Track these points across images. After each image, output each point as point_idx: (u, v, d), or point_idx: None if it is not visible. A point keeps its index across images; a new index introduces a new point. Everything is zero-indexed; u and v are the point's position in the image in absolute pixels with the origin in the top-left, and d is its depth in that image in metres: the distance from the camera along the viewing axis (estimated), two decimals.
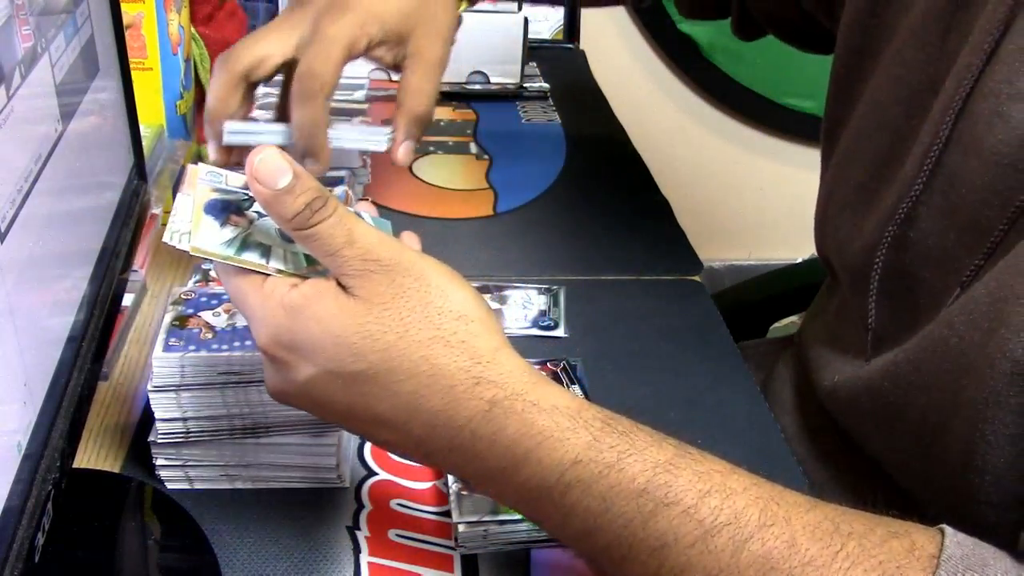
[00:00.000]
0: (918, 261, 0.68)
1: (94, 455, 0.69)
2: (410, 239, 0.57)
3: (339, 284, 0.51)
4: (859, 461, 0.74)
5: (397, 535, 0.64)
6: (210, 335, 0.62)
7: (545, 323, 0.84)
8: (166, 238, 0.52)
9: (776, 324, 1.17)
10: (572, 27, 1.43)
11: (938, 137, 0.65)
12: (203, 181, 0.54)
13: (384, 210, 1.00)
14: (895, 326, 0.70)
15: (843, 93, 0.77)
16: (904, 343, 0.66)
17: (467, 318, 0.51)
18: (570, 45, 1.42)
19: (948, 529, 0.50)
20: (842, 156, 0.77)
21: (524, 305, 0.86)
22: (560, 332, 0.84)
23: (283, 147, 0.65)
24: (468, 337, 0.51)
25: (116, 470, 0.68)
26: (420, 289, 0.51)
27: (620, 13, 1.96)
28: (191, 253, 0.52)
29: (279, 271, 0.52)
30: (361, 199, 0.80)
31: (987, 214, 0.62)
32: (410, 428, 0.51)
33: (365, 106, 1.01)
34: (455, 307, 0.51)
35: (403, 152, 0.77)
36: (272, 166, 0.50)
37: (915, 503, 0.68)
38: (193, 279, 0.80)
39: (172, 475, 0.66)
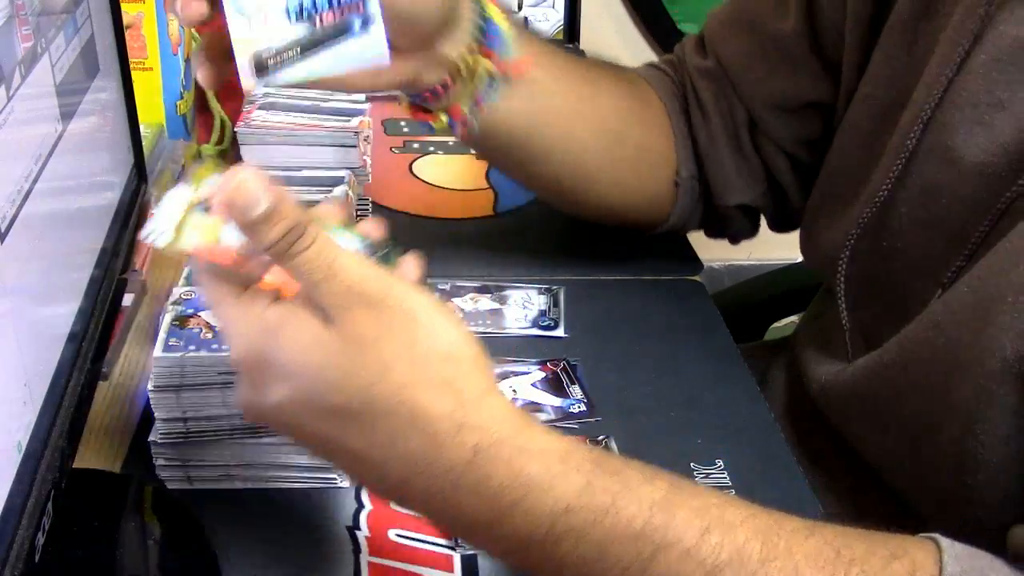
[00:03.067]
0: (896, 268, 0.69)
1: (94, 455, 0.69)
2: (410, 267, 0.53)
3: (320, 317, 0.48)
4: (852, 464, 0.74)
5: (397, 535, 0.64)
6: (210, 335, 0.62)
7: (545, 323, 0.84)
8: (143, 234, 0.49)
9: (776, 324, 1.17)
10: (572, 27, 1.42)
11: (904, 148, 0.66)
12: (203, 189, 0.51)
13: (384, 210, 1.00)
14: (874, 328, 0.71)
15: (836, 120, 0.79)
16: (887, 343, 0.67)
17: (455, 359, 0.48)
18: (570, 45, 1.42)
19: (944, 542, 0.49)
20: (823, 172, 0.79)
21: (524, 305, 0.86)
22: (560, 332, 0.84)
23: None
24: (454, 379, 0.47)
25: (116, 470, 0.68)
26: (407, 328, 0.47)
27: (620, 13, 1.96)
28: (168, 247, 0.49)
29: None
30: (361, 214, 0.75)
31: (970, 220, 0.63)
32: (386, 469, 0.48)
33: (366, 106, 1.01)
34: (443, 347, 0.47)
35: None
36: (249, 194, 0.46)
37: (908, 504, 0.68)
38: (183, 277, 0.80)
39: (172, 475, 0.66)
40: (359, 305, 0.47)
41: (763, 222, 0.93)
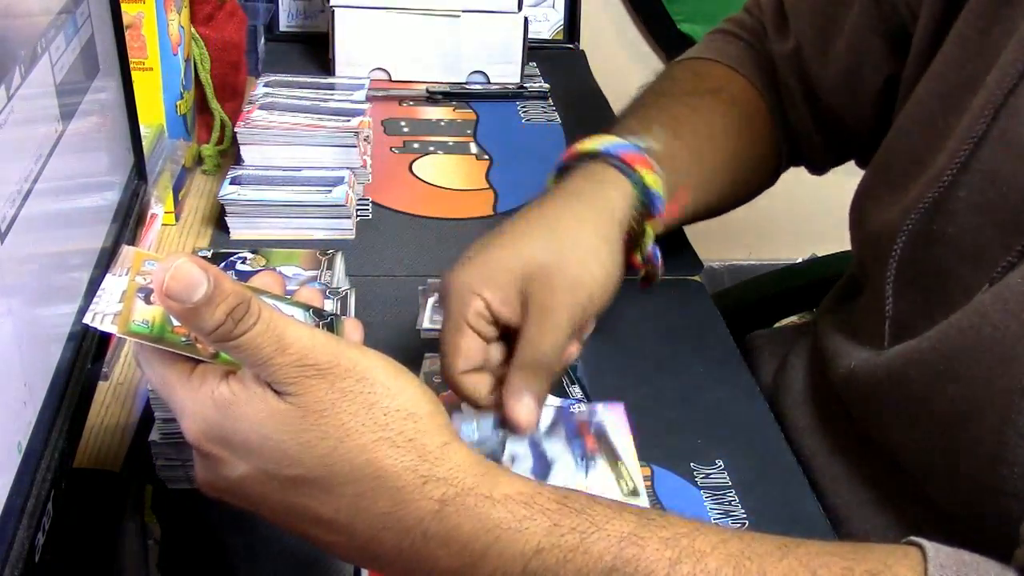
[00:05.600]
0: (945, 254, 0.67)
1: (94, 455, 0.69)
2: (352, 328, 0.53)
3: (273, 390, 0.47)
4: (873, 454, 0.73)
5: None
6: None
7: None
8: (87, 319, 0.48)
9: (776, 324, 1.17)
10: (572, 27, 1.42)
11: (973, 132, 0.65)
12: (143, 275, 0.50)
13: (384, 210, 1.00)
14: (916, 316, 0.69)
15: (900, 95, 0.78)
16: (927, 332, 0.66)
17: (415, 416, 0.48)
18: (570, 45, 1.42)
19: (929, 548, 0.49)
20: (882, 151, 0.78)
21: None
22: None
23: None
24: (415, 435, 0.47)
25: (116, 470, 0.68)
26: (363, 391, 0.47)
27: (620, 13, 1.96)
28: (117, 335, 0.48)
29: (216, 355, 0.48)
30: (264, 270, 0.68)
31: None
32: (354, 531, 0.48)
33: (366, 106, 1.01)
34: (402, 405, 0.48)
35: (524, 411, 0.62)
36: (186, 280, 0.44)
37: (932, 496, 0.68)
38: None
39: (172, 475, 0.66)
40: (312, 376, 0.46)
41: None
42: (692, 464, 0.72)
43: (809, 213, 1.81)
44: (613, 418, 0.73)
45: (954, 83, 0.69)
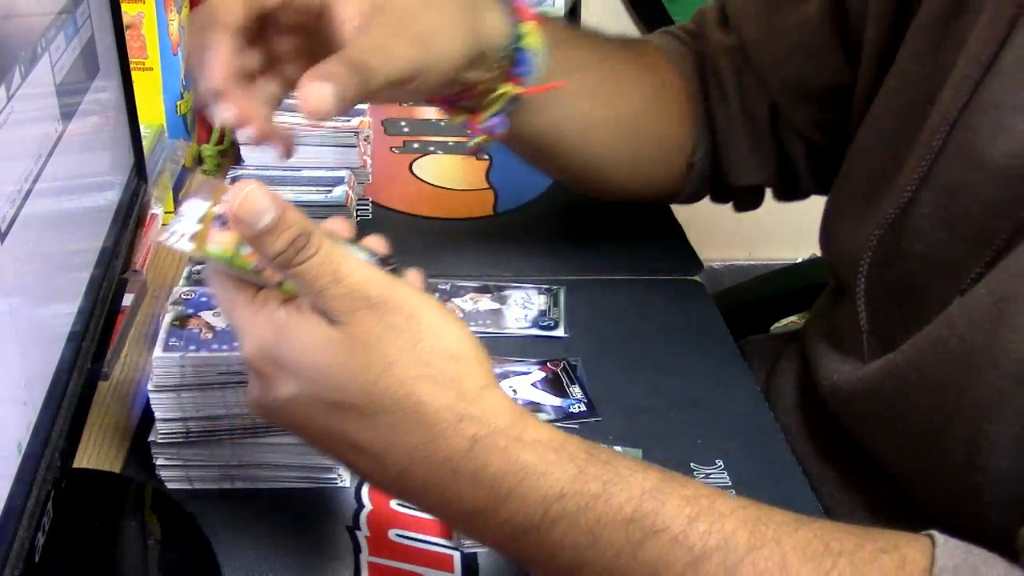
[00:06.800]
0: (917, 270, 0.68)
1: (94, 455, 0.69)
2: (414, 277, 0.55)
3: (326, 319, 0.49)
4: (860, 459, 0.74)
5: (397, 535, 0.64)
6: (210, 335, 0.62)
7: (545, 323, 0.84)
8: (163, 238, 0.51)
9: (776, 324, 1.17)
10: None
11: (931, 148, 0.65)
12: (221, 204, 0.51)
13: (384, 210, 1.00)
14: (892, 330, 0.70)
15: (855, 110, 0.78)
16: (902, 346, 0.67)
17: (457, 357, 0.50)
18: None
19: (939, 537, 0.49)
20: (845, 169, 0.78)
21: (524, 305, 0.86)
22: (560, 332, 0.84)
23: None
24: (456, 376, 0.49)
25: (116, 470, 0.68)
26: (410, 328, 0.49)
27: (620, 13, 1.96)
28: (193, 253, 0.51)
29: (280, 284, 0.51)
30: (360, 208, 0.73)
31: (992, 224, 0.62)
32: (387, 461, 0.50)
33: (365, 105, 1.01)
34: (447, 346, 0.50)
35: (315, 92, 0.57)
36: (254, 205, 0.48)
37: (916, 502, 0.68)
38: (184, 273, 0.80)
39: (172, 475, 0.66)
40: (363, 308, 0.49)
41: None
42: (692, 464, 0.72)
43: (809, 213, 1.81)
44: None
45: (911, 98, 0.70)
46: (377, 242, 0.56)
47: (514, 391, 0.76)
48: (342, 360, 0.49)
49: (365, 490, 0.67)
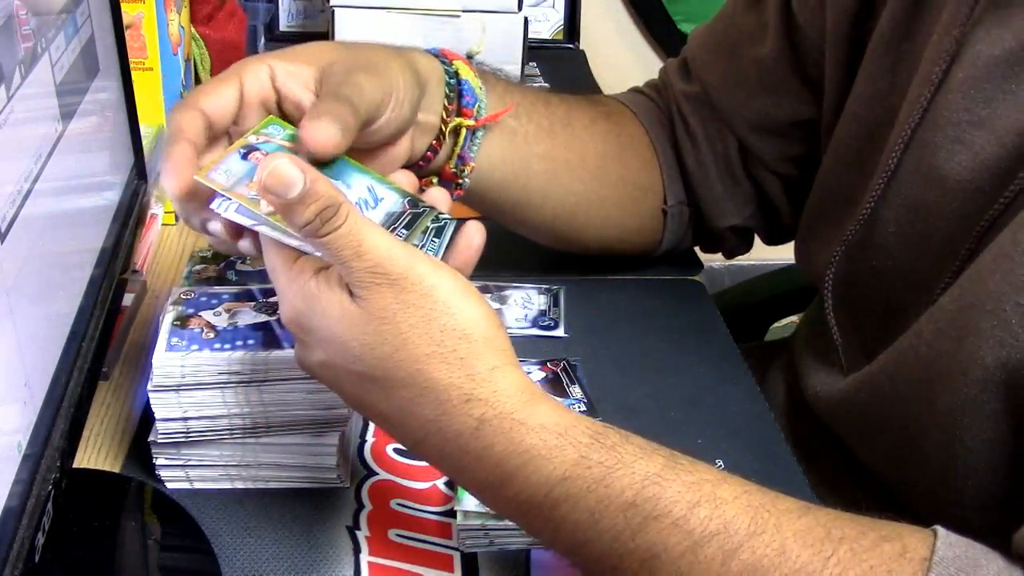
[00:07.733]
0: (886, 284, 0.70)
1: (94, 455, 0.69)
2: (475, 231, 0.57)
3: (349, 291, 0.52)
4: (849, 466, 0.75)
5: (397, 535, 0.64)
6: (211, 335, 0.62)
7: (545, 323, 0.84)
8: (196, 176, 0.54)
9: (776, 324, 1.17)
10: (572, 27, 1.43)
11: (887, 167, 0.67)
12: (259, 135, 0.55)
13: None
14: (866, 344, 0.72)
15: (823, 141, 0.79)
16: (878, 357, 0.68)
17: (470, 337, 0.51)
18: (570, 45, 1.42)
19: (941, 530, 0.50)
20: (814, 192, 0.80)
21: (524, 305, 0.86)
22: (560, 332, 0.84)
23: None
24: (467, 355, 0.51)
25: (116, 470, 0.68)
26: (424, 306, 0.51)
27: (620, 13, 1.96)
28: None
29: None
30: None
31: (958, 236, 0.63)
32: (406, 430, 0.53)
33: None
34: (460, 325, 0.51)
35: (322, 129, 0.56)
36: (283, 178, 0.50)
37: (906, 508, 0.69)
38: (184, 273, 0.80)
39: (172, 475, 0.66)
40: (383, 283, 0.51)
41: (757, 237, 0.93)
42: None
43: None
44: None
45: (870, 120, 0.71)
46: (408, 179, 0.58)
47: None
48: (357, 334, 0.51)
49: (365, 490, 0.67)
